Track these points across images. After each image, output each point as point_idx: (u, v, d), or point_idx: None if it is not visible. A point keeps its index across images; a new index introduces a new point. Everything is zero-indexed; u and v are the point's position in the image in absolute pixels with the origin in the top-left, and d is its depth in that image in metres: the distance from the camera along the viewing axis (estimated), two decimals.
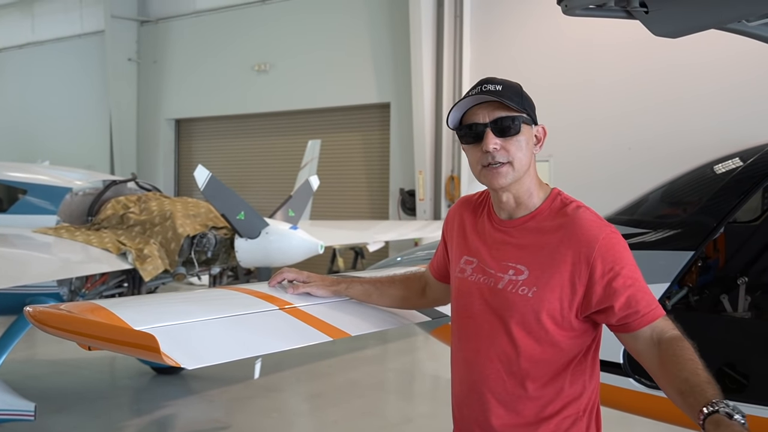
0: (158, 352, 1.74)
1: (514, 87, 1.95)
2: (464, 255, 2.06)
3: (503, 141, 1.91)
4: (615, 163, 10.36)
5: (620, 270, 1.84)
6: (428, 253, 4.33)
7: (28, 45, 19.63)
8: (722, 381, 3.15)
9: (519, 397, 1.92)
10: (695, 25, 2.62)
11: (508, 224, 1.99)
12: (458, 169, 12.16)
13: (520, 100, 1.93)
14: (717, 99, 9.67)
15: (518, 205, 1.98)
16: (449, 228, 2.19)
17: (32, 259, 5.61)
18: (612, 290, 1.84)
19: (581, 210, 1.93)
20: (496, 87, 1.92)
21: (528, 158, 1.95)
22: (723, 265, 3.69)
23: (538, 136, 2.00)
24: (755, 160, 3.27)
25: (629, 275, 1.85)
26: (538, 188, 1.99)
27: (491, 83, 1.93)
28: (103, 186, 6.93)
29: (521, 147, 1.93)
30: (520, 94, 1.95)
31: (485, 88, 1.93)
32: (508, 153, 1.92)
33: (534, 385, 1.91)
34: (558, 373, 1.89)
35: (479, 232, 2.06)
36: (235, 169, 15.18)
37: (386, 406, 6.81)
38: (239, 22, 15.17)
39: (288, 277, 2.42)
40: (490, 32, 11.88)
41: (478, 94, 1.93)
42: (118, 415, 6.34)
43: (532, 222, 1.96)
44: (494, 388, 1.95)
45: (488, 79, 1.96)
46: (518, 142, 1.92)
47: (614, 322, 1.87)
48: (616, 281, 1.84)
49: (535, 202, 1.98)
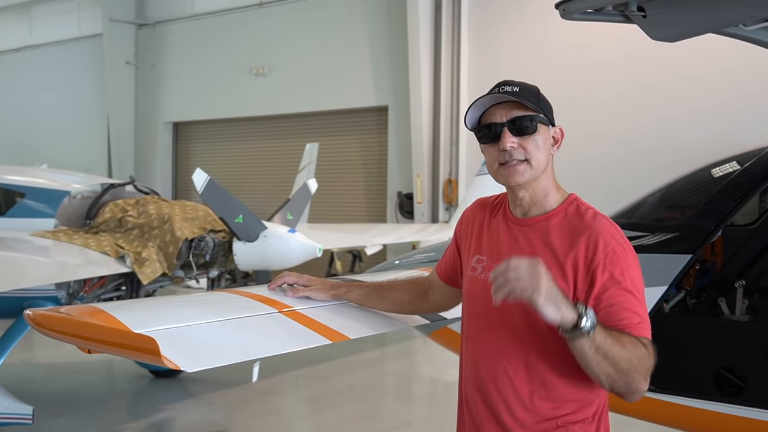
0: (158, 354, 1.75)
1: (531, 89, 1.98)
2: (476, 254, 2.08)
3: (520, 140, 1.94)
4: (613, 168, 10.37)
5: (617, 281, 1.84)
6: (427, 256, 4.34)
7: (25, 48, 19.63)
8: (720, 384, 3.18)
9: (528, 396, 1.93)
10: (693, 29, 2.63)
11: (522, 222, 2.01)
12: (456, 173, 12.16)
13: (536, 101, 1.96)
14: (716, 108, 9.68)
15: (534, 203, 1.99)
16: (463, 228, 2.19)
17: (30, 262, 5.60)
18: (599, 301, 1.85)
19: (598, 217, 1.94)
20: (513, 88, 1.95)
21: (545, 158, 1.97)
22: (721, 269, 3.70)
23: (556, 137, 2.02)
24: (752, 163, 3.28)
25: (625, 289, 1.85)
26: (555, 190, 2.01)
27: (509, 85, 1.97)
28: (101, 189, 6.93)
29: (538, 146, 1.95)
30: (537, 95, 1.98)
31: (503, 89, 1.96)
32: (525, 151, 1.94)
33: (542, 386, 1.92)
34: (566, 374, 1.89)
35: (492, 231, 2.07)
36: (233, 172, 15.18)
37: (384, 409, 6.81)
38: (237, 25, 15.18)
39: (288, 281, 2.43)
40: (488, 36, 11.90)
41: (496, 94, 1.97)
42: (116, 418, 6.33)
43: (545, 223, 1.97)
44: (501, 387, 1.95)
45: (506, 81, 1.99)
46: (535, 141, 1.95)
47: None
48: (607, 293, 1.84)
49: (551, 203, 1.99)
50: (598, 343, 1.73)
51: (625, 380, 1.78)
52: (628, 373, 1.77)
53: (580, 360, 1.78)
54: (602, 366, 1.76)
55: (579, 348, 1.75)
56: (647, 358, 1.81)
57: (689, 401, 3.04)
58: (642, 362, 1.79)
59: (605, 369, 1.76)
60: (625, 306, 1.84)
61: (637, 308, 1.85)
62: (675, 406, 3.06)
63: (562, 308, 1.71)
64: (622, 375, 1.77)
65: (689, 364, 3.26)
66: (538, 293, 1.67)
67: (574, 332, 1.72)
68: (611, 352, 1.75)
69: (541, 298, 1.68)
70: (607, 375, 1.77)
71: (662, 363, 3.37)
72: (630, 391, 1.81)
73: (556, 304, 1.70)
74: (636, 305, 1.85)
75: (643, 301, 1.88)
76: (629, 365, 1.76)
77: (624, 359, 1.76)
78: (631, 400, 1.84)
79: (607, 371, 1.77)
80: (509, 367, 1.94)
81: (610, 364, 1.75)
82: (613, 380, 1.79)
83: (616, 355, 1.75)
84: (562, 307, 1.71)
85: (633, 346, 1.78)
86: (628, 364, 1.76)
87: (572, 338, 1.74)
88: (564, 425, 1.92)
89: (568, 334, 1.74)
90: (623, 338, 1.79)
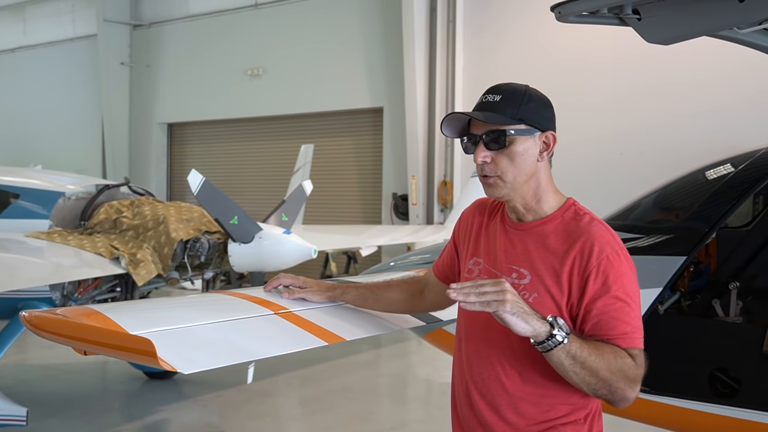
0: (155, 356, 1.75)
1: (514, 96, 1.93)
2: (473, 256, 2.07)
3: (494, 154, 1.92)
4: (608, 169, 10.39)
5: (609, 289, 1.83)
6: (422, 258, 4.34)
7: (20, 49, 19.57)
8: (714, 386, 3.19)
9: (519, 399, 1.93)
10: (687, 32, 2.64)
11: (519, 227, 2.00)
12: (451, 174, 12.17)
13: (514, 111, 1.90)
14: (711, 110, 9.71)
15: (528, 210, 1.98)
16: (462, 228, 2.19)
17: (24, 263, 5.59)
18: (589, 309, 1.84)
19: (594, 223, 1.92)
20: (495, 98, 1.93)
21: (523, 170, 1.93)
22: (715, 270, 3.71)
23: (547, 143, 1.96)
24: (746, 165, 3.29)
25: (617, 297, 1.83)
26: (551, 195, 1.98)
27: (492, 93, 1.94)
28: (95, 190, 6.91)
29: (512, 160, 1.92)
30: (519, 102, 1.92)
31: (485, 99, 1.94)
32: (497, 166, 1.92)
33: (533, 389, 1.92)
34: (558, 379, 1.87)
35: (490, 234, 2.07)
36: (228, 173, 15.16)
37: (380, 410, 6.81)
38: (232, 26, 15.16)
39: (284, 282, 2.43)
40: (483, 37, 11.91)
41: (479, 104, 1.95)
42: (111, 419, 6.32)
43: (542, 228, 1.96)
44: (493, 390, 1.96)
45: (493, 88, 1.97)
46: (509, 155, 1.91)
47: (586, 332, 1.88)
48: (599, 301, 1.83)
49: (545, 209, 1.97)
50: (574, 353, 1.74)
51: (608, 389, 1.79)
52: (610, 382, 1.77)
53: (559, 371, 1.79)
54: (581, 375, 1.76)
55: (556, 359, 1.76)
56: (633, 369, 1.80)
57: (683, 402, 3.05)
58: (627, 372, 1.78)
59: (584, 378, 1.77)
60: (616, 316, 1.83)
61: (628, 317, 1.83)
62: (669, 407, 3.06)
63: (531, 321, 1.72)
64: (604, 384, 1.77)
65: (683, 366, 3.27)
66: (503, 308, 1.70)
67: (546, 344, 1.73)
68: (588, 361, 1.75)
69: (506, 313, 1.70)
70: (588, 384, 1.78)
71: (657, 364, 3.38)
72: (615, 398, 1.81)
73: (524, 318, 1.71)
74: (628, 314, 1.84)
75: (637, 309, 1.86)
76: (609, 375, 1.76)
77: (603, 369, 1.76)
78: (619, 407, 1.84)
79: (586, 380, 1.77)
80: (501, 370, 1.95)
81: (589, 374, 1.76)
82: (595, 389, 1.79)
83: (593, 364, 1.75)
84: (531, 320, 1.72)
85: (614, 356, 1.78)
86: (608, 374, 1.76)
87: (546, 350, 1.75)
88: (555, 427, 1.92)
89: (541, 346, 1.75)
90: (603, 348, 1.79)
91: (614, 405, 1.84)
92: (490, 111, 1.91)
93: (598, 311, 1.83)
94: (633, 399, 1.81)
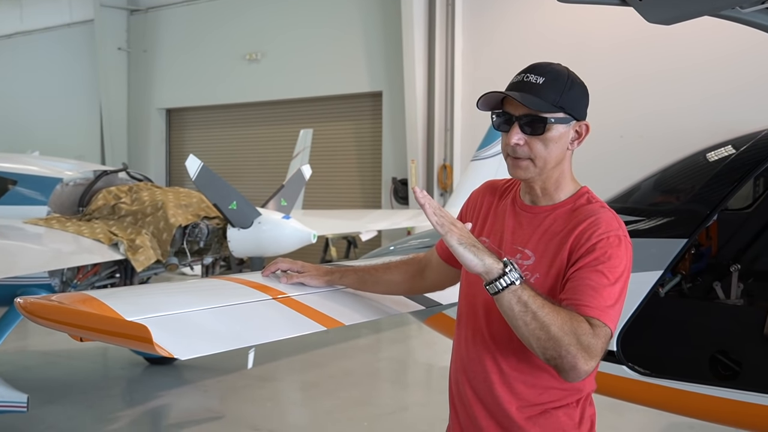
0: (151, 342, 1.73)
1: (558, 80, 1.89)
2: (479, 236, 2.04)
3: (528, 138, 1.89)
4: (608, 153, 10.35)
5: (599, 262, 1.79)
6: (422, 242, 4.33)
7: (16, 34, 19.45)
8: (715, 368, 3.19)
9: (515, 379, 1.93)
10: (689, 11, 2.60)
11: (530, 209, 1.99)
12: (450, 158, 12.14)
13: (557, 97, 1.87)
14: (712, 93, 9.66)
15: (545, 194, 1.97)
16: (470, 209, 2.17)
17: (23, 250, 5.57)
18: (572, 276, 1.81)
19: (604, 210, 1.90)
20: (537, 79, 1.88)
21: (554, 156, 1.91)
22: (716, 253, 3.70)
23: (579, 132, 1.95)
24: (748, 147, 3.27)
25: (602, 273, 1.78)
26: (568, 183, 1.98)
27: (535, 74, 1.89)
28: (94, 176, 6.88)
29: (546, 146, 1.89)
30: (563, 88, 1.88)
31: (527, 78, 1.89)
32: (531, 150, 1.90)
33: (530, 371, 1.92)
34: None
35: (498, 214, 2.06)
36: (226, 158, 15.12)
37: (381, 394, 6.83)
38: (230, 10, 15.07)
39: (282, 267, 2.40)
40: (482, 21, 11.84)
41: (518, 83, 1.90)
42: (111, 405, 6.33)
43: (552, 212, 1.95)
44: (489, 371, 1.96)
45: (535, 67, 1.91)
46: (544, 140, 1.89)
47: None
48: (583, 270, 1.79)
49: (560, 196, 1.96)
50: (525, 300, 1.68)
51: (558, 351, 1.68)
52: (560, 342, 1.66)
53: (509, 319, 1.73)
54: (531, 327, 1.68)
55: (506, 303, 1.70)
56: (589, 335, 1.69)
57: (684, 385, 3.04)
58: (580, 336, 1.68)
59: (534, 331, 1.68)
60: (593, 286, 1.76)
61: (605, 294, 1.76)
62: (669, 390, 3.06)
63: (482, 257, 1.70)
64: (555, 343, 1.67)
65: (684, 348, 3.27)
66: (452, 234, 1.70)
67: (497, 283, 1.69)
68: (540, 313, 1.67)
69: (454, 241, 1.70)
70: (537, 339, 1.68)
71: (657, 347, 3.38)
72: (565, 365, 1.69)
73: (475, 253, 1.70)
74: (606, 292, 1.76)
75: (618, 295, 1.79)
76: (561, 334, 1.67)
77: (555, 325, 1.67)
78: (569, 378, 1.73)
79: (536, 334, 1.68)
80: (498, 351, 1.95)
81: (539, 327, 1.67)
82: (545, 347, 1.68)
83: (545, 318, 1.67)
84: (483, 256, 1.71)
85: (569, 317, 1.70)
86: (560, 332, 1.66)
87: (496, 290, 1.70)
88: (548, 411, 1.92)
89: (491, 286, 1.71)
90: (561, 308, 1.72)
91: (564, 375, 1.72)
92: (531, 94, 1.86)
93: (577, 278, 1.79)
94: (584, 372, 1.69)
